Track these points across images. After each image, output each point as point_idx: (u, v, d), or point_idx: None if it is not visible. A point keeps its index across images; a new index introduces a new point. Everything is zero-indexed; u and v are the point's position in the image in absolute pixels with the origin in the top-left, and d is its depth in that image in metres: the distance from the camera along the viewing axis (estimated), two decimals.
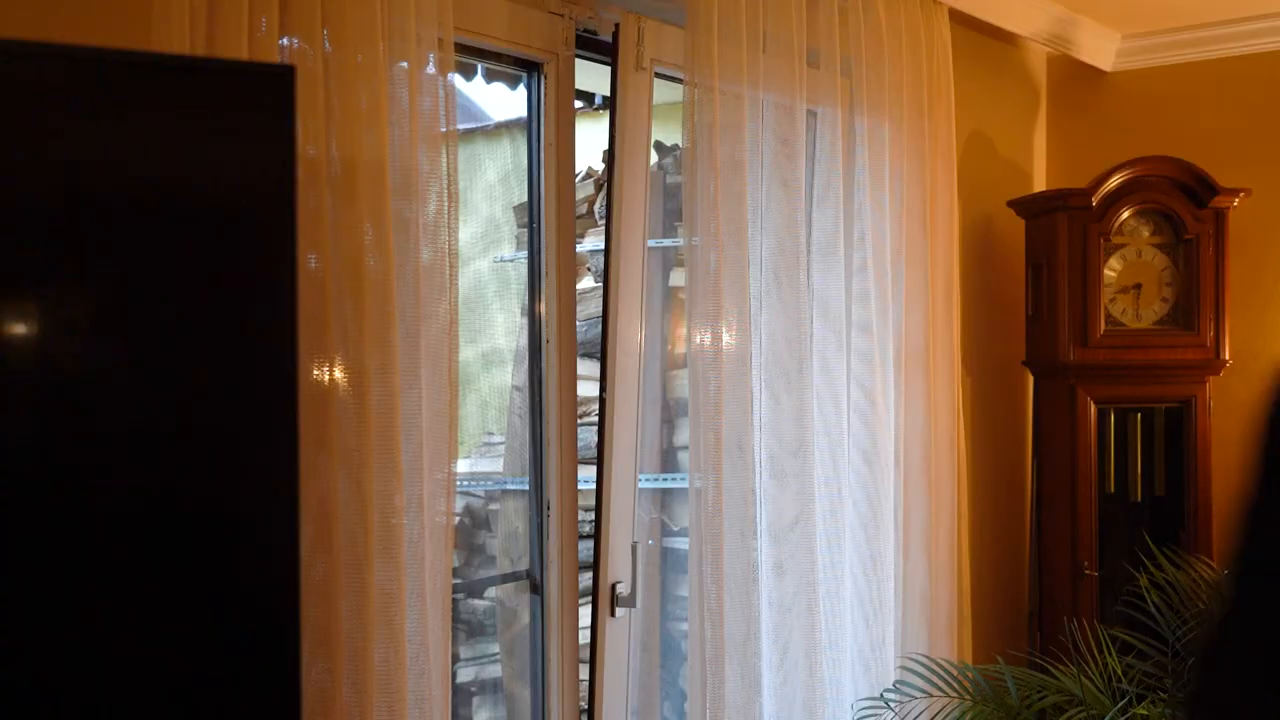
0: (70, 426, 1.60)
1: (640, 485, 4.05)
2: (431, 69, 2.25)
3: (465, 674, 4.35)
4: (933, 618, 3.46)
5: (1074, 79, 4.49)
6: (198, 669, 1.65)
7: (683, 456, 4.04)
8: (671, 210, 4.09)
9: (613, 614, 2.74)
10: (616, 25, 2.76)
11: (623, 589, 2.80)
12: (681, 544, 4.03)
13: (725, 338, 2.76)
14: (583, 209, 4.15)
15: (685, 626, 4.03)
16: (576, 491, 2.84)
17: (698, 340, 2.74)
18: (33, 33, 1.76)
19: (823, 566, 3.06)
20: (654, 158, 4.29)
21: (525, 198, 2.96)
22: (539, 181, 2.80)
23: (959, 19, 3.66)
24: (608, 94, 4.73)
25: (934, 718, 3.11)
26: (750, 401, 2.84)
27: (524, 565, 3.00)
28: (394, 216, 2.18)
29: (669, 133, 4.39)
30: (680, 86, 2.84)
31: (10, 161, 1.55)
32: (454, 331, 2.28)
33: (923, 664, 3.13)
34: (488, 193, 4.81)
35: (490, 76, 2.86)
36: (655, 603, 4.01)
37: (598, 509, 2.73)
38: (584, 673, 3.90)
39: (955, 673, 3.12)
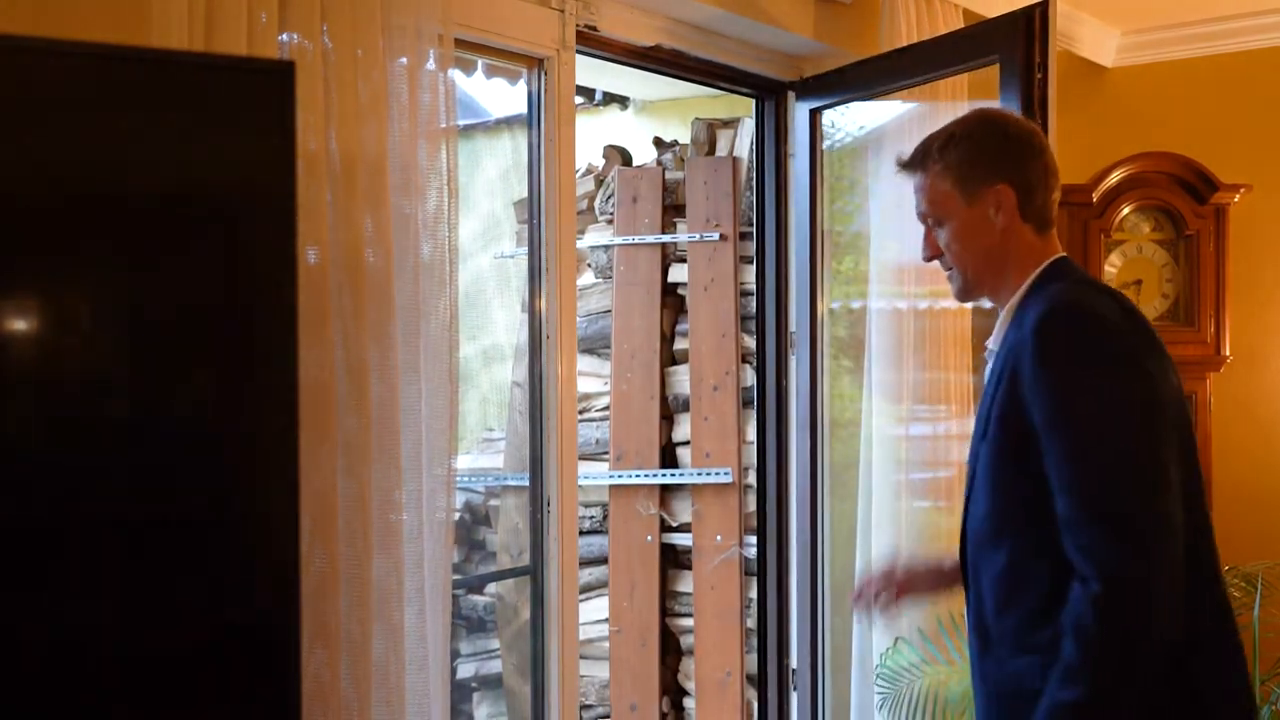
0: (71, 420, 1.60)
1: (640, 481, 4.05)
2: (431, 65, 2.25)
3: (466, 669, 4.35)
4: None
5: (1074, 75, 4.48)
6: (198, 659, 1.66)
7: (682, 453, 4.03)
8: (670, 206, 4.08)
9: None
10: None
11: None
12: (683, 540, 4.03)
13: None
14: (583, 205, 4.15)
15: (685, 622, 4.03)
16: (576, 487, 2.84)
17: None
18: (32, 30, 1.77)
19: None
20: (653, 153, 4.29)
21: (525, 194, 2.96)
22: (539, 177, 2.80)
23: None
24: (607, 89, 4.68)
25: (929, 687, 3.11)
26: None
27: (524, 561, 3.00)
28: (394, 212, 2.18)
29: (669, 129, 4.38)
30: (679, 83, 2.83)
31: (9, 158, 1.55)
32: (454, 327, 2.28)
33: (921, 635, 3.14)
34: (488, 188, 4.81)
35: (490, 72, 2.85)
36: (654, 599, 4.01)
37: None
38: (584, 669, 3.91)
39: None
